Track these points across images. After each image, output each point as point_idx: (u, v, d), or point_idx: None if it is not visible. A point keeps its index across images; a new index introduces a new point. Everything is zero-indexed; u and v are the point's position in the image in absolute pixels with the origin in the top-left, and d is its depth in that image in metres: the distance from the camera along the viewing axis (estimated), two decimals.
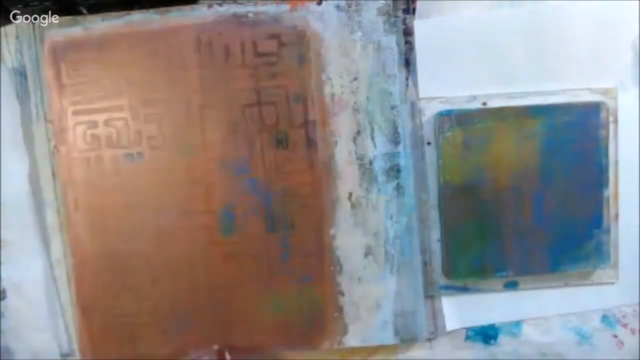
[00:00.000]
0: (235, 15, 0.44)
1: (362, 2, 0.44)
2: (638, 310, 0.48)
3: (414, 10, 0.45)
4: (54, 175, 0.46)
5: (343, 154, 0.45)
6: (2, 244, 0.46)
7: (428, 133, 0.46)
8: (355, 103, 0.45)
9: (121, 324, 0.46)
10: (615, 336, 0.48)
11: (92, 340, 0.46)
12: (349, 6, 0.44)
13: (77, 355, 0.47)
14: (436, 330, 0.48)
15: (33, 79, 0.45)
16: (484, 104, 0.46)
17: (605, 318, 0.48)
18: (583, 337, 0.48)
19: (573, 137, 0.45)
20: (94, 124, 0.45)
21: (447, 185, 0.45)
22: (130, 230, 0.45)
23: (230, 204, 0.45)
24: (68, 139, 0.45)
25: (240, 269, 0.46)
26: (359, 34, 0.44)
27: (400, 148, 0.45)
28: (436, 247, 0.47)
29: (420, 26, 0.45)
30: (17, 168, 0.46)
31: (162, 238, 0.45)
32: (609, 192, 0.46)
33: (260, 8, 0.44)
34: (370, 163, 0.45)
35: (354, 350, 0.47)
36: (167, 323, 0.46)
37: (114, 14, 0.44)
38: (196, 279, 0.45)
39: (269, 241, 0.45)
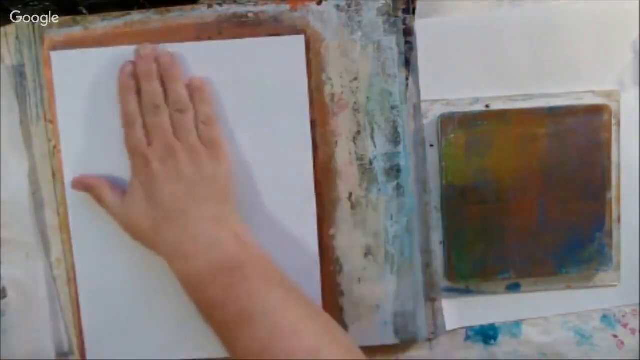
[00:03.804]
0: (235, 15, 0.44)
1: (362, 2, 0.44)
2: (638, 310, 0.48)
3: (414, 10, 0.45)
4: (54, 175, 0.46)
5: (343, 154, 0.45)
6: (2, 243, 0.46)
7: (431, 135, 0.46)
8: (355, 103, 0.45)
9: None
10: (615, 336, 0.48)
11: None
12: (349, 6, 0.44)
13: (77, 355, 0.47)
14: (436, 330, 0.48)
15: (33, 79, 0.45)
16: (487, 106, 0.46)
17: (605, 318, 0.48)
18: (583, 337, 0.48)
19: (576, 139, 0.45)
20: None
21: (449, 188, 0.45)
22: None
23: None
24: None
25: None
26: (359, 34, 0.44)
27: (400, 148, 0.45)
28: (438, 249, 0.47)
29: (420, 26, 0.45)
30: (17, 168, 0.46)
31: None
32: (612, 194, 0.46)
33: (260, 8, 0.44)
34: (370, 163, 0.45)
35: None
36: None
37: (114, 14, 0.44)
38: None
39: None
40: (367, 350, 0.47)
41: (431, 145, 0.46)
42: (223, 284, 0.39)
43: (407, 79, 0.46)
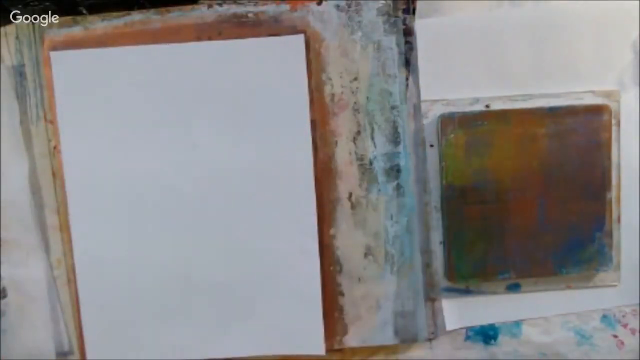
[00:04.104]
0: (235, 15, 0.44)
1: (362, 2, 0.44)
2: (638, 310, 0.48)
3: (414, 10, 0.45)
4: (54, 175, 0.46)
5: (343, 154, 0.45)
6: (2, 243, 0.46)
7: (431, 135, 0.46)
8: (355, 103, 0.45)
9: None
10: (615, 336, 0.48)
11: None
12: (349, 6, 0.44)
13: (77, 355, 0.47)
14: (436, 330, 0.48)
15: (33, 79, 0.45)
16: (487, 106, 0.46)
17: (605, 318, 0.48)
18: (583, 337, 0.48)
19: (576, 139, 0.45)
20: None
21: (449, 188, 0.45)
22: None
23: None
24: None
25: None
26: (359, 34, 0.44)
27: (400, 148, 0.45)
28: (438, 249, 0.47)
29: (420, 26, 0.45)
30: (17, 168, 0.46)
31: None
32: (612, 194, 0.46)
33: (260, 8, 0.44)
34: (370, 163, 0.45)
35: (354, 350, 0.47)
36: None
37: (114, 14, 0.44)
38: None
39: None
40: (367, 350, 0.47)
41: (431, 145, 0.46)
42: None
43: (407, 79, 0.46)
